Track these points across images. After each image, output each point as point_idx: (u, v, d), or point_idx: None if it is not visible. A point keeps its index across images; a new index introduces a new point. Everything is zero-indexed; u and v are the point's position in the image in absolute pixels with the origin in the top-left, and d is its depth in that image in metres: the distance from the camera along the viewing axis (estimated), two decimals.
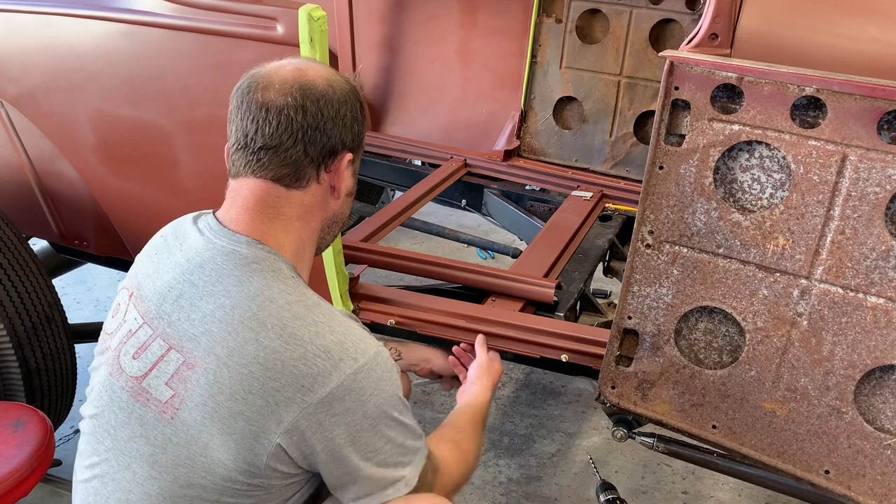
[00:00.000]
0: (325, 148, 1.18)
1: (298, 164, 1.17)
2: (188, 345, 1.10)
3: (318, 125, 1.16)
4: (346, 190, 1.25)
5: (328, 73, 1.22)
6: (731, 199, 1.43)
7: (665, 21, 2.68)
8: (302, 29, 1.65)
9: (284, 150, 1.16)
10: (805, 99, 1.32)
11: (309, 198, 1.20)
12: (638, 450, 2.48)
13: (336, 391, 1.07)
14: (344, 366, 1.08)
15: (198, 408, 1.08)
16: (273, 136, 1.15)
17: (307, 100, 1.16)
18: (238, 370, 1.07)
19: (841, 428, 1.43)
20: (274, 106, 1.15)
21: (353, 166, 1.26)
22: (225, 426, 1.07)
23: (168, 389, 1.11)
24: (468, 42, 3.08)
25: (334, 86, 1.20)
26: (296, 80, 1.17)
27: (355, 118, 1.22)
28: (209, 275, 1.14)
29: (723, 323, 1.52)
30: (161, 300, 1.16)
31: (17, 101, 2.15)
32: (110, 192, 2.18)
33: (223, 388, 1.07)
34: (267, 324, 1.08)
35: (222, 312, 1.10)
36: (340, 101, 1.19)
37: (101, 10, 1.93)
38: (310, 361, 1.07)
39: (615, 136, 2.83)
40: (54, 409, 2.13)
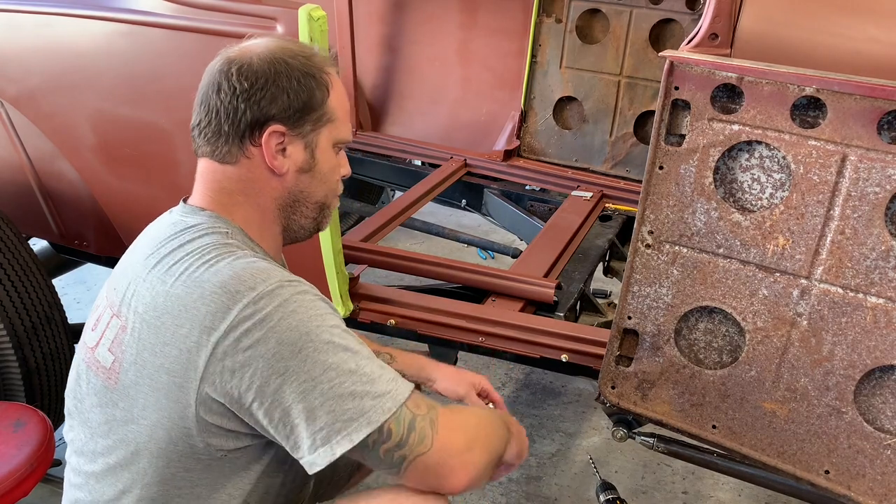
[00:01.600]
0: (243, 122, 1.14)
1: (217, 139, 1.17)
2: (123, 309, 1.12)
3: (231, 100, 1.14)
4: (295, 166, 1.18)
5: (276, 44, 1.18)
6: (731, 199, 1.43)
7: (665, 21, 2.68)
8: (302, 29, 1.65)
9: (205, 125, 1.17)
10: (805, 99, 1.32)
11: (244, 173, 1.18)
12: (638, 450, 2.48)
13: (236, 323, 1.02)
14: (241, 296, 1.03)
15: (131, 368, 1.09)
16: (197, 114, 1.18)
17: (224, 75, 1.14)
18: (153, 323, 1.07)
19: (841, 428, 1.43)
20: (202, 86, 1.18)
21: (303, 140, 1.17)
22: (153, 383, 1.07)
23: (110, 355, 1.12)
24: (468, 42, 3.08)
25: (266, 56, 1.15)
26: (231, 55, 1.16)
27: (285, 87, 1.14)
28: (152, 242, 1.16)
29: (723, 323, 1.52)
30: (118, 277, 1.19)
31: (17, 101, 2.15)
32: (110, 192, 2.18)
33: (145, 343, 1.07)
34: (175, 272, 1.08)
35: (141, 267, 1.12)
36: (266, 70, 1.14)
37: (101, 10, 1.93)
38: (207, 299, 1.04)
39: (615, 136, 2.83)
40: (54, 409, 2.13)
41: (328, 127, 1.19)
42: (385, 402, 1.04)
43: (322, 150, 1.20)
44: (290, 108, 1.15)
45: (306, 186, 1.21)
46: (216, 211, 1.18)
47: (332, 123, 1.20)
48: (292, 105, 1.15)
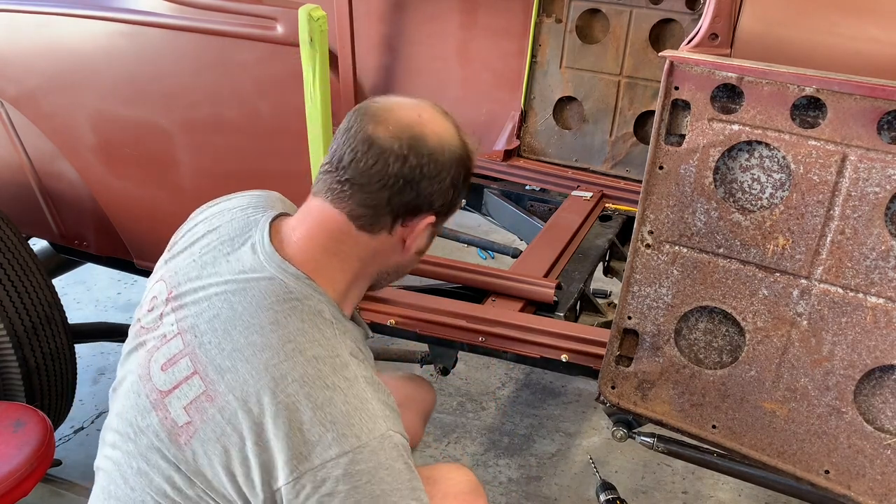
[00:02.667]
0: (411, 204, 1.14)
1: (377, 209, 1.14)
2: (213, 375, 1.09)
3: (412, 180, 1.12)
4: (417, 248, 1.22)
5: (446, 130, 1.19)
6: (731, 199, 1.43)
7: (665, 21, 2.68)
8: (302, 29, 1.65)
9: (369, 191, 1.12)
10: (805, 99, 1.32)
11: (375, 245, 1.17)
12: (638, 450, 2.48)
13: (329, 467, 1.02)
14: (345, 441, 1.03)
15: (208, 443, 1.07)
16: (364, 173, 1.12)
17: (412, 152, 1.12)
18: (251, 418, 1.05)
19: (841, 428, 1.43)
20: (378, 144, 1.12)
21: (435, 229, 1.22)
22: (226, 471, 1.06)
23: (185, 414, 1.09)
24: (468, 42, 3.08)
25: (445, 146, 1.16)
26: (411, 126, 1.14)
27: (454, 184, 1.18)
28: (249, 303, 1.11)
29: (723, 323, 1.52)
30: (198, 316, 1.14)
31: (17, 101, 2.15)
32: (110, 192, 2.18)
33: (235, 431, 1.05)
34: (288, 377, 1.06)
35: (251, 352, 1.08)
36: (445, 163, 1.15)
37: (101, 10, 1.93)
38: (314, 428, 1.03)
39: (615, 136, 2.82)
40: (54, 409, 2.13)
41: (447, 217, 1.24)
42: None
43: (430, 237, 1.26)
44: (454, 202, 1.20)
45: (412, 264, 1.28)
46: (315, 276, 1.15)
47: (450, 215, 1.25)
48: (456, 200, 1.20)
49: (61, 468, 2.20)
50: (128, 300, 3.39)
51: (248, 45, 1.80)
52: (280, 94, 1.82)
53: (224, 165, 2.01)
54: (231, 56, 1.84)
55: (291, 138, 1.82)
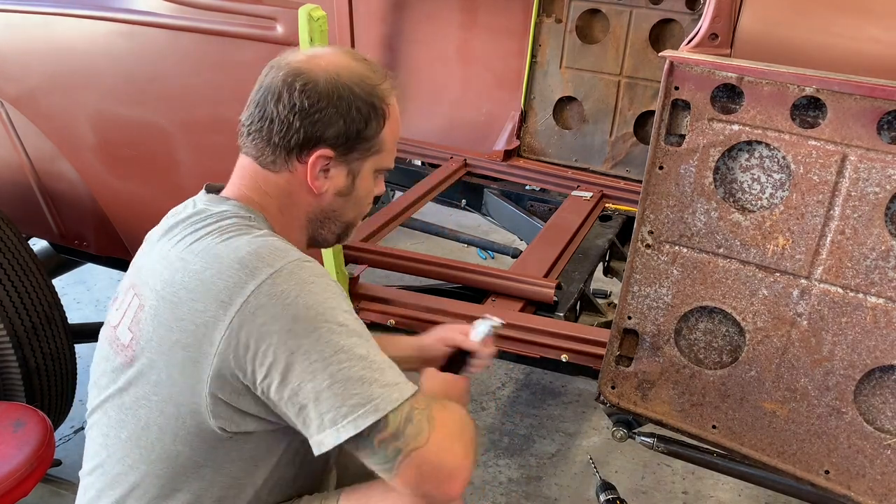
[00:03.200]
0: (294, 139, 1.15)
1: (270, 148, 1.17)
2: (142, 287, 1.14)
3: (287, 114, 1.13)
4: (335, 188, 1.20)
5: (339, 65, 1.16)
6: (731, 199, 1.43)
7: (665, 21, 2.68)
8: (302, 29, 1.65)
9: (255, 130, 1.17)
10: (805, 99, 1.32)
11: (283, 183, 1.19)
12: (638, 450, 2.48)
13: (253, 298, 1.02)
14: (259, 272, 1.04)
15: (147, 345, 1.10)
16: (250, 115, 1.18)
17: (286, 87, 1.13)
18: (170, 299, 1.08)
19: (841, 428, 1.43)
20: (262, 87, 1.16)
21: (348, 166, 1.19)
22: (168, 359, 1.08)
23: (129, 333, 1.14)
24: (468, 42, 3.08)
25: (329, 78, 1.14)
26: (299, 66, 1.15)
27: (343, 115, 1.14)
28: (173, 224, 1.18)
29: (723, 323, 1.52)
30: (141, 259, 1.21)
31: (17, 101, 2.15)
32: (110, 192, 2.18)
33: (161, 320, 1.08)
34: (194, 249, 1.10)
35: (167, 250, 1.14)
36: (325, 93, 1.13)
37: (101, 10, 1.93)
38: (224, 274, 1.05)
39: (615, 136, 2.83)
40: (54, 409, 2.13)
41: (375, 156, 1.21)
42: (392, 393, 1.03)
43: (363, 178, 1.22)
44: (344, 135, 1.16)
45: (339, 207, 1.23)
46: (245, 203, 1.19)
47: (380, 154, 1.21)
48: (346, 132, 1.16)
49: (61, 468, 2.20)
50: None
51: (248, 45, 1.80)
52: None
53: (224, 165, 2.00)
54: (231, 56, 1.83)
55: None
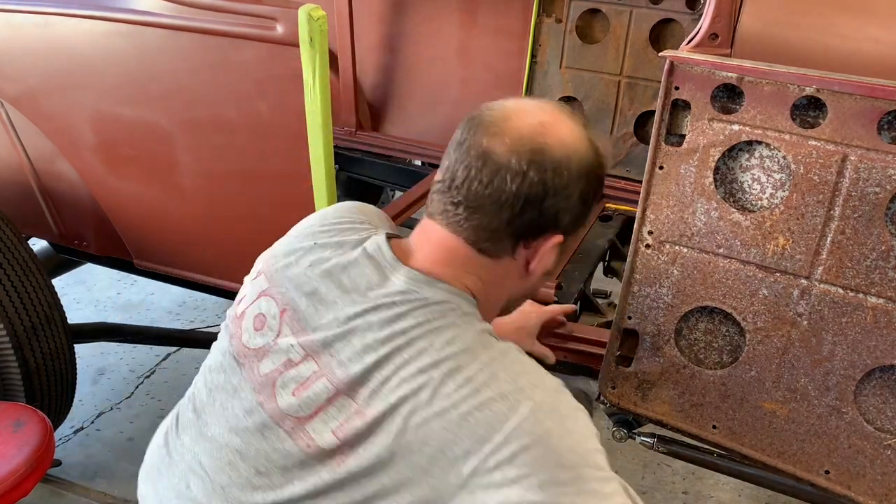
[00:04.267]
0: (534, 224, 1.03)
1: (496, 233, 1.03)
2: (361, 390, 0.98)
3: (534, 199, 1.01)
4: (543, 269, 1.10)
5: (573, 134, 1.04)
6: (731, 199, 1.43)
7: (665, 21, 2.68)
8: (302, 29, 1.65)
9: (486, 213, 1.02)
10: (805, 99, 1.32)
11: (499, 269, 1.07)
12: (638, 450, 2.48)
13: (515, 435, 0.91)
14: (520, 406, 0.93)
15: (371, 459, 0.96)
16: (479, 195, 1.01)
17: (533, 167, 1.00)
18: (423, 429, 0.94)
19: (841, 428, 1.43)
20: (493, 161, 1.00)
21: (564, 247, 1.09)
22: (400, 477, 0.95)
23: (334, 438, 0.98)
24: (468, 42, 3.08)
25: (573, 155, 1.03)
26: (531, 137, 1.01)
27: (584, 198, 1.05)
28: (382, 313, 1.01)
29: (723, 323, 1.52)
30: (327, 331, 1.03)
31: (17, 101, 2.15)
32: (110, 192, 2.18)
33: (402, 446, 0.95)
34: (442, 369, 0.96)
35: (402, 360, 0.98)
36: (573, 175, 1.02)
37: (100, 10, 1.92)
38: (485, 406, 0.93)
39: (615, 135, 2.82)
40: (54, 409, 2.13)
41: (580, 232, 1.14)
42: None
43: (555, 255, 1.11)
44: (583, 217, 1.07)
45: (538, 284, 1.16)
46: (460, 289, 1.05)
47: (581, 229, 1.12)
48: (585, 214, 1.07)
49: (61, 468, 2.21)
50: (128, 300, 3.39)
51: (248, 45, 1.80)
52: (280, 94, 1.82)
53: (224, 165, 2.01)
54: (231, 56, 1.83)
55: (291, 138, 1.81)
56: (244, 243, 2.12)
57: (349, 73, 3.00)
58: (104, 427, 2.60)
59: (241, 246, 2.12)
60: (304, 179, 1.84)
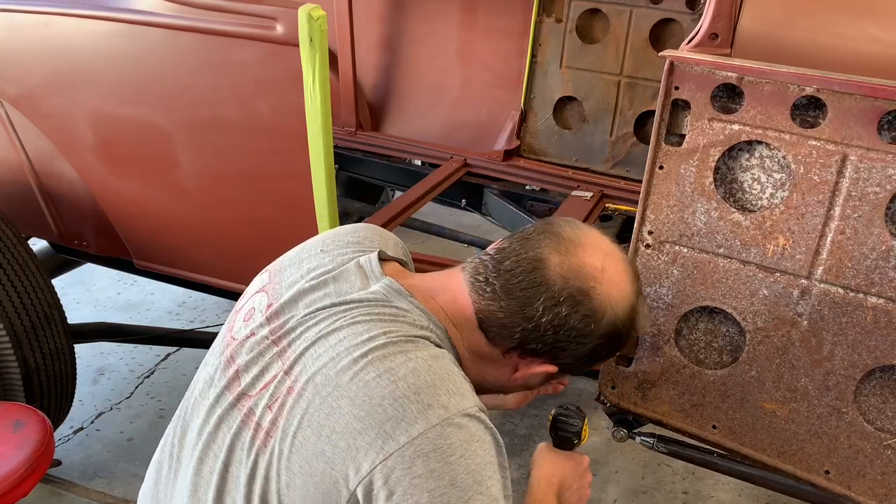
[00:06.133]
0: (538, 347, 1.07)
1: (504, 329, 1.07)
2: (297, 368, 1.02)
3: (551, 330, 1.05)
4: (524, 383, 1.16)
5: (622, 296, 1.07)
6: (732, 198, 1.43)
7: (665, 21, 2.68)
8: (301, 29, 1.65)
9: (507, 309, 1.06)
10: (805, 99, 1.32)
11: (487, 351, 1.11)
12: (638, 450, 2.48)
13: (419, 443, 0.93)
14: (432, 413, 0.94)
15: (287, 439, 0.99)
16: (513, 291, 1.06)
17: (568, 303, 1.04)
18: (328, 402, 0.97)
19: (841, 428, 1.43)
20: (542, 274, 1.05)
21: (551, 377, 1.15)
22: (307, 465, 0.97)
23: (269, 412, 1.02)
24: (468, 42, 3.08)
25: (608, 312, 1.06)
26: (586, 277, 1.05)
27: (594, 353, 1.09)
28: (350, 307, 1.06)
29: (723, 323, 1.52)
30: (293, 322, 1.08)
31: (16, 101, 2.15)
32: (110, 192, 2.18)
33: (312, 421, 0.98)
34: (369, 355, 0.98)
35: (336, 340, 1.02)
36: (599, 330, 1.06)
37: (100, 10, 1.92)
38: (397, 401, 0.95)
39: (615, 135, 2.82)
40: (54, 409, 2.13)
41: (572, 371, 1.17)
42: None
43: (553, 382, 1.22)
44: (577, 365, 1.11)
45: (514, 392, 1.24)
46: (443, 323, 1.08)
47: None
48: (581, 363, 1.11)
49: (61, 468, 2.21)
50: (128, 300, 3.39)
51: (248, 45, 1.80)
52: (280, 94, 1.82)
53: (224, 165, 2.01)
54: (231, 56, 1.83)
55: (291, 138, 1.81)
56: (244, 243, 2.12)
57: (349, 73, 3.00)
58: (104, 427, 2.60)
59: (241, 246, 2.12)
60: (304, 179, 1.84)
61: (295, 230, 1.72)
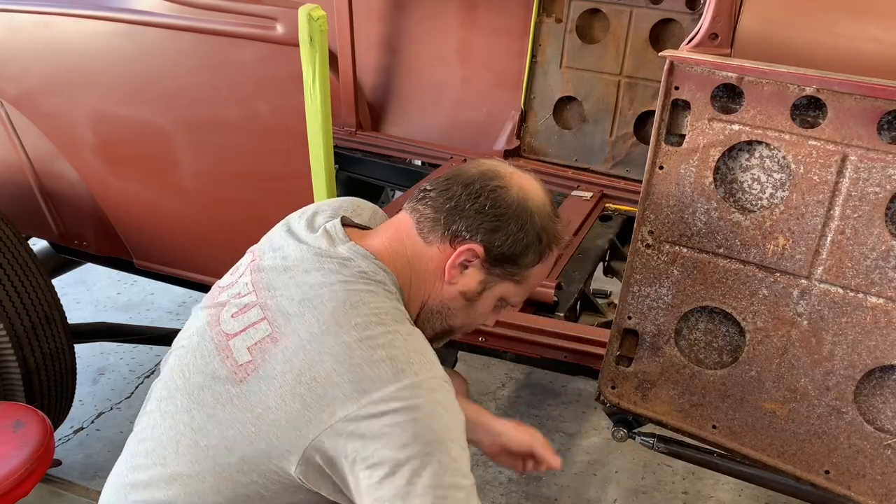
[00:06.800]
0: (458, 224, 1.20)
1: (434, 218, 1.22)
2: (280, 320, 1.14)
3: (467, 203, 1.20)
4: (462, 286, 1.25)
5: (538, 194, 1.25)
6: (731, 198, 1.43)
7: (665, 21, 2.68)
8: (302, 29, 1.65)
9: (432, 198, 1.23)
10: (805, 99, 1.32)
11: (426, 257, 1.23)
12: (638, 450, 2.48)
13: (389, 398, 1.04)
14: (404, 375, 1.06)
15: (266, 380, 1.11)
16: (437, 187, 1.24)
17: (481, 179, 1.22)
18: (312, 356, 1.09)
19: (841, 428, 1.43)
20: (460, 170, 1.25)
21: (485, 275, 1.24)
22: (283, 403, 1.09)
23: (247, 354, 1.14)
24: (468, 42, 3.08)
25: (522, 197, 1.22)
26: (500, 171, 1.24)
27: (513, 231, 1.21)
28: (322, 268, 1.19)
29: (723, 323, 1.52)
30: (274, 274, 1.21)
31: (16, 101, 2.15)
32: (110, 192, 2.18)
33: (293, 367, 1.09)
34: (352, 321, 1.11)
35: (319, 300, 1.14)
36: (513, 206, 1.21)
37: (101, 10, 1.93)
38: (374, 364, 1.07)
39: (615, 135, 2.82)
40: (54, 409, 2.13)
41: (511, 285, 1.27)
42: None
43: (490, 295, 1.27)
44: (502, 247, 1.21)
45: (455, 307, 1.27)
46: (387, 264, 1.21)
47: (516, 285, 1.27)
48: (505, 247, 1.21)
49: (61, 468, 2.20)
50: (128, 300, 3.39)
51: (248, 45, 1.80)
52: (280, 94, 1.82)
53: (224, 166, 2.01)
54: (231, 56, 1.83)
55: (291, 138, 1.82)
56: (244, 243, 2.12)
57: (349, 73, 3.00)
58: (104, 427, 2.60)
59: (242, 246, 2.12)
60: (304, 179, 1.84)
61: None
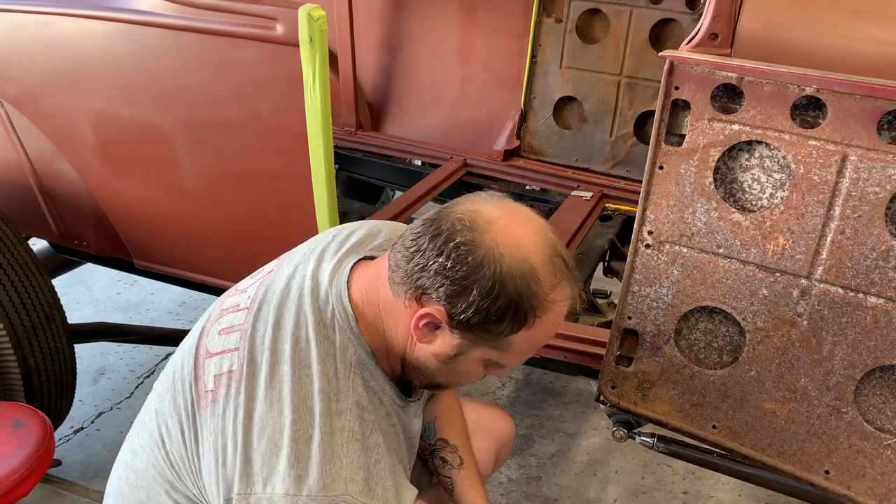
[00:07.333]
0: (422, 282, 1.05)
1: (399, 267, 1.08)
2: (247, 362, 1.11)
3: (429, 259, 1.04)
4: (433, 349, 1.11)
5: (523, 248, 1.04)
6: (731, 199, 1.43)
7: (665, 21, 2.68)
8: (302, 29, 1.65)
9: (404, 247, 1.08)
10: (805, 99, 1.32)
11: (396, 309, 1.11)
12: (638, 450, 2.48)
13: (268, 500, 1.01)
14: (300, 484, 1.01)
15: (210, 418, 1.10)
16: (413, 229, 1.09)
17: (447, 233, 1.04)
18: (233, 412, 1.08)
19: (841, 428, 1.43)
20: (440, 213, 1.08)
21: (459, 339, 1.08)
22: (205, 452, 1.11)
23: (212, 382, 1.12)
24: (468, 42, 3.08)
25: (495, 257, 1.02)
26: (477, 220, 1.04)
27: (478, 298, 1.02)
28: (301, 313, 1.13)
29: (723, 323, 1.52)
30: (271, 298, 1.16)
31: (16, 101, 2.15)
32: (110, 192, 2.18)
33: (219, 417, 1.09)
34: (285, 399, 1.06)
35: (276, 359, 1.10)
36: (478, 270, 1.01)
37: (101, 10, 1.93)
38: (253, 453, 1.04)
39: (615, 135, 2.82)
40: (54, 409, 2.13)
41: (493, 350, 1.10)
42: None
43: (469, 359, 1.12)
44: (467, 314, 1.04)
45: (432, 367, 1.15)
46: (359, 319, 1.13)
47: (501, 351, 1.10)
48: (471, 314, 1.04)
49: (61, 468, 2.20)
50: (128, 300, 3.39)
51: (248, 45, 1.80)
52: (280, 94, 1.82)
53: (224, 166, 2.01)
54: (231, 56, 1.83)
55: (291, 138, 1.82)
56: (244, 243, 2.12)
57: (349, 73, 3.00)
58: (104, 427, 2.60)
59: (241, 246, 2.12)
60: (304, 179, 1.84)
61: (295, 230, 1.72)
